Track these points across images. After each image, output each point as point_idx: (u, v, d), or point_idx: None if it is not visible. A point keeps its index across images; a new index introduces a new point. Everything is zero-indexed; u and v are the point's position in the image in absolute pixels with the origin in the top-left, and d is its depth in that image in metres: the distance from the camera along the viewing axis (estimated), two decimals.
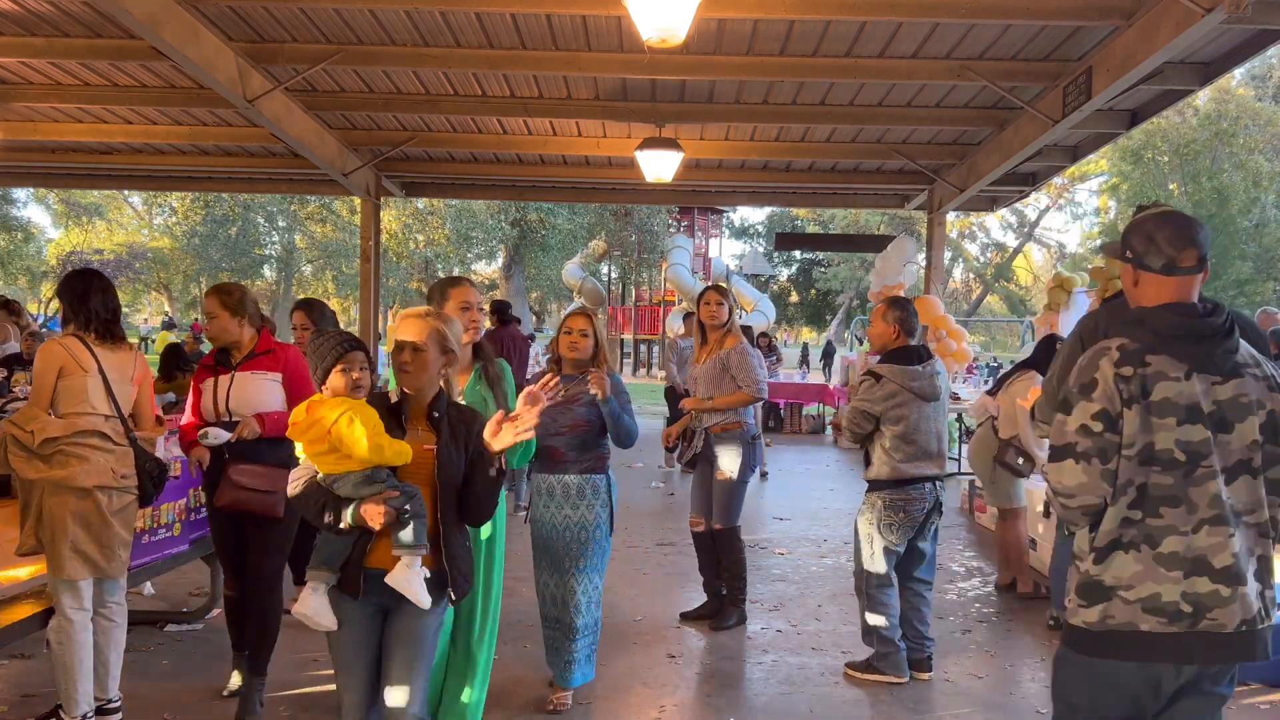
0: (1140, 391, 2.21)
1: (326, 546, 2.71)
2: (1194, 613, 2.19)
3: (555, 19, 6.79)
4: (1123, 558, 2.23)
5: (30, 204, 41.20)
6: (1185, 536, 2.19)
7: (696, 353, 5.30)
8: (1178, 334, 2.23)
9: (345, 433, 2.59)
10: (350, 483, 2.64)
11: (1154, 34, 6.00)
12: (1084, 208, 42.36)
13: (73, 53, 7.51)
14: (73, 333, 3.63)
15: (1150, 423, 2.20)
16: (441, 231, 28.83)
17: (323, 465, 2.68)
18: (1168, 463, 2.20)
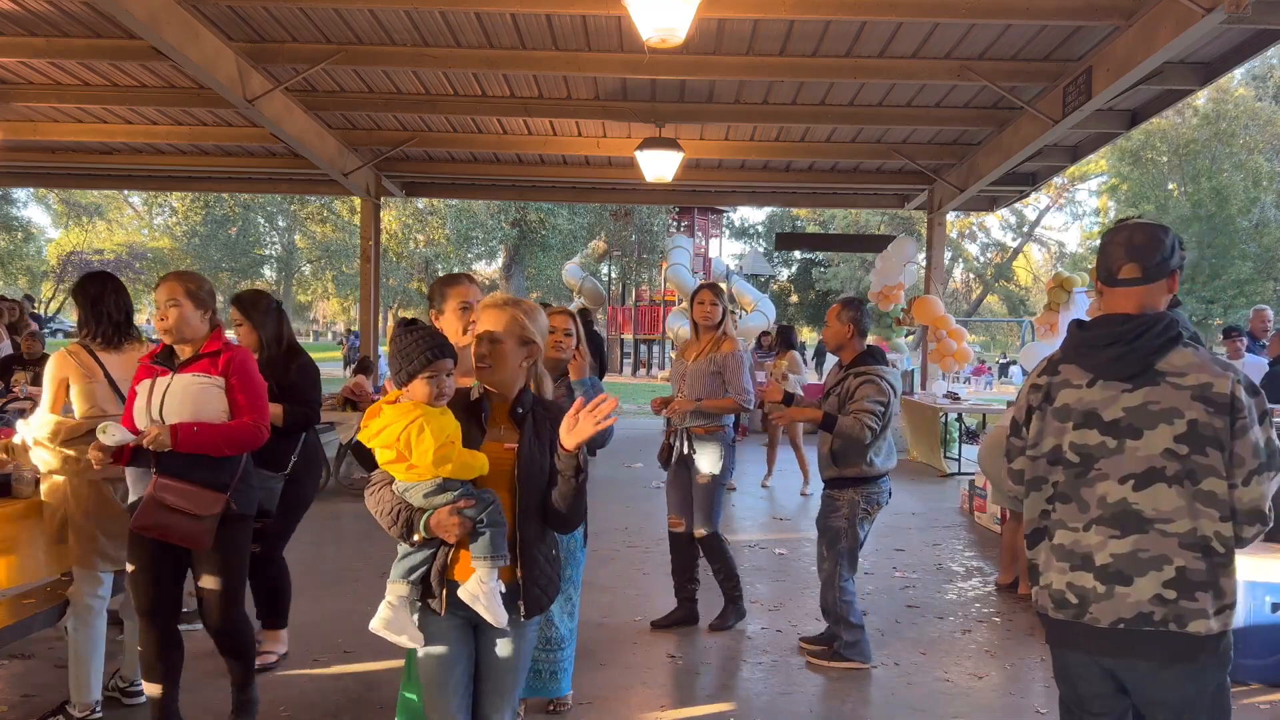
0: (1045, 398, 2.42)
1: (407, 558, 2.54)
2: (1079, 604, 2.34)
3: (555, 19, 6.79)
4: (1040, 546, 2.46)
5: (30, 204, 41.22)
6: (1074, 532, 2.35)
7: (687, 349, 5.21)
8: (1080, 345, 2.39)
9: (414, 442, 2.42)
10: (420, 492, 2.47)
11: (1154, 34, 6.01)
12: (1084, 208, 42.38)
13: (73, 53, 7.52)
14: (79, 341, 3.74)
15: (1051, 426, 2.40)
16: (441, 231, 28.84)
17: (396, 473, 2.50)
18: (1066, 463, 2.37)
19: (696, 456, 4.97)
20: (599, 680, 4.37)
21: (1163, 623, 2.24)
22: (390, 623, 2.50)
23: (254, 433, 3.38)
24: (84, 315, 3.76)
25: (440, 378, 2.49)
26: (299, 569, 5.94)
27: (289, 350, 4.36)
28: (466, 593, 2.44)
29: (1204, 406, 2.23)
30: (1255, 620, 4.43)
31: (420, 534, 2.46)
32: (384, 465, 2.52)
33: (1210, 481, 2.24)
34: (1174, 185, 28.68)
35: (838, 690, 4.35)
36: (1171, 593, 2.24)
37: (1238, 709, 4.21)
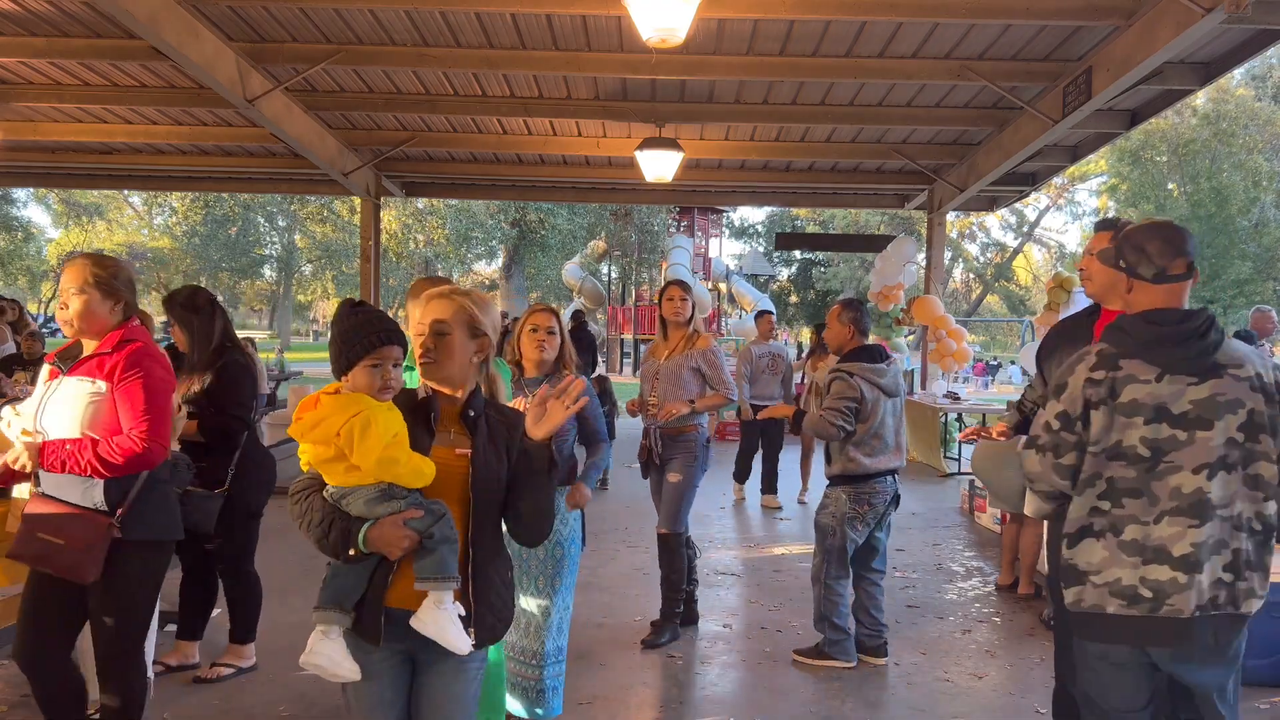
0: (1109, 393, 2.40)
1: (337, 579, 2.20)
2: (1154, 597, 2.38)
3: (555, 19, 6.79)
4: (1091, 544, 2.44)
5: (30, 204, 41.23)
6: (1145, 526, 2.38)
7: (656, 349, 5.09)
8: (1151, 340, 2.40)
9: (356, 439, 2.10)
10: (362, 499, 2.15)
11: (1154, 34, 6.01)
12: (1084, 208, 42.36)
13: (73, 53, 7.52)
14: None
15: (1117, 421, 2.39)
16: (441, 231, 28.82)
17: (330, 475, 2.18)
18: (1133, 458, 2.38)
19: (669, 459, 4.88)
20: (599, 680, 4.36)
21: (1224, 605, 2.37)
22: (323, 656, 2.17)
23: (138, 453, 2.85)
24: None
25: (386, 367, 2.18)
26: (297, 569, 5.95)
27: (217, 351, 4.05)
28: (422, 621, 2.14)
29: (1260, 396, 2.37)
30: (1255, 620, 4.42)
31: (357, 548, 2.12)
32: (316, 465, 2.19)
33: (1259, 465, 2.38)
34: (1174, 185, 28.67)
35: (837, 690, 4.35)
36: (1229, 575, 2.37)
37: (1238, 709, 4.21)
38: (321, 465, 2.19)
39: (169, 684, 4.14)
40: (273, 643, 4.57)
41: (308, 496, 2.22)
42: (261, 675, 4.29)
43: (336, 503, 2.18)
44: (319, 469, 2.21)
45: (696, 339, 4.93)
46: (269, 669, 4.34)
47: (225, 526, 4.12)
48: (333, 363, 2.22)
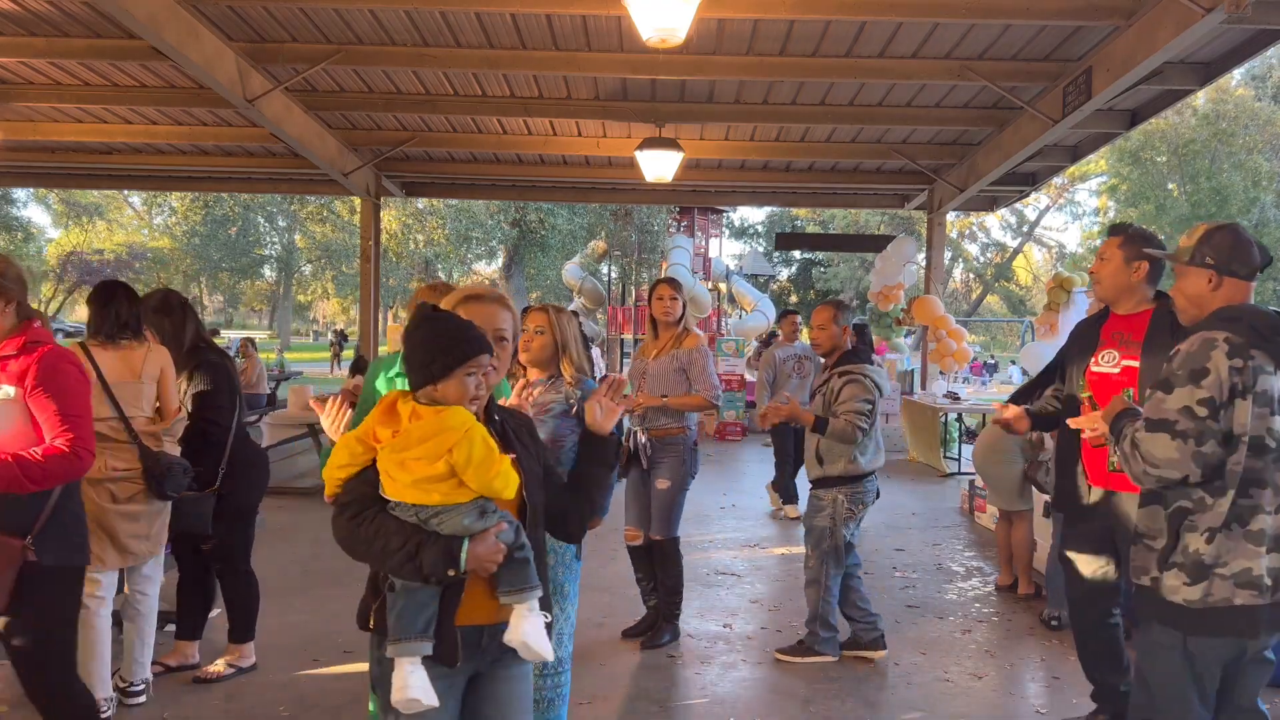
0: (1251, 383, 2.42)
1: (409, 604, 2.03)
2: (1274, 586, 2.45)
3: (555, 19, 6.79)
4: (1221, 537, 2.47)
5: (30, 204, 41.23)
6: (1271, 515, 2.45)
7: (646, 347, 5.00)
8: (1275, 331, 2.47)
9: (476, 456, 1.98)
10: (460, 517, 2.01)
11: (1154, 34, 6.01)
12: (1084, 208, 42.39)
13: (73, 53, 7.52)
14: (78, 342, 3.75)
15: (1254, 411, 2.43)
16: (441, 231, 28.82)
17: (425, 494, 2.00)
18: (1260, 449, 2.45)
19: (656, 462, 4.76)
20: (599, 680, 4.37)
21: None
22: (418, 690, 2.00)
23: (67, 460, 2.71)
24: (93, 315, 3.78)
25: (479, 376, 2.07)
26: (297, 570, 5.95)
27: (190, 352, 4.09)
28: (517, 635, 2.06)
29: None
30: None
31: (458, 569, 2.00)
32: (416, 481, 2.00)
33: None
34: (1173, 185, 28.67)
35: (837, 690, 4.35)
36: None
37: None
38: (420, 484, 2.00)
39: (169, 684, 4.14)
40: (273, 643, 4.57)
41: (374, 518, 2.04)
42: (261, 675, 4.29)
43: (424, 523, 2.02)
44: (401, 488, 2.02)
45: (685, 338, 4.84)
46: (269, 669, 4.34)
47: (220, 527, 4.16)
48: (419, 371, 2.05)
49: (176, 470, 3.75)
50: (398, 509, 2.03)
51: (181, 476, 3.77)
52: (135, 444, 3.68)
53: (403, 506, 2.03)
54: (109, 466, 3.62)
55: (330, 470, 2.12)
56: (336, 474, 2.11)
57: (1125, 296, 3.40)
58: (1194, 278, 2.61)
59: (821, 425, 4.44)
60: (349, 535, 2.05)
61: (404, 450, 1.99)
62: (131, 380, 3.73)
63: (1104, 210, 35.53)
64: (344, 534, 2.07)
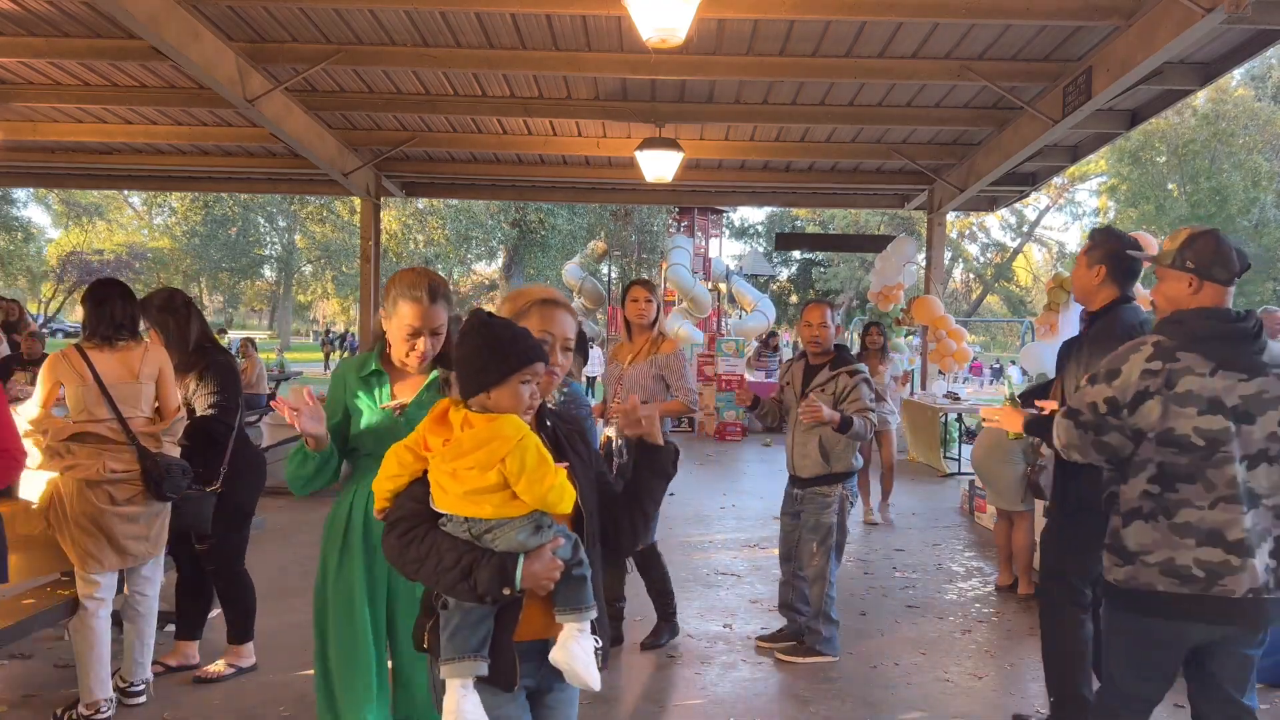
0: (1165, 384, 2.56)
1: (465, 623, 1.93)
2: (1206, 578, 2.54)
3: (555, 19, 6.79)
4: (1141, 526, 2.62)
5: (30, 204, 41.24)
6: (1200, 510, 2.55)
7: (620, 351, 4.84)
8: (1210, 335, 2.58)
9: (530, 467, 1.88)
10: (515, 532, 1.91)
11: (1154, 34, 6.01)
12: (1084, 208, 42.39)
13: (73, 53, 7.52)
14: (75, 344, 3.74)
15: (1170, 410, 2.55)
16: (441, 231, 28.85)
17: (477, 506, 1.91)
18: (1186, 446, 2.55)
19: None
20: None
21: (1275, 590, 2.55)
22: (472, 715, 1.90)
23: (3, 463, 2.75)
24: (88, 316, 3.76)
25: (534, 384, 1.97)
26: (298, 569, 5.95)
27: (197, 352, 4.12)
28: (563, 656, 1.95)
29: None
30: None
31: (513, 587, 1.89)
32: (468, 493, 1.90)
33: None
34: (1173, 185, 28.67)
35: (838, 690, 4.35)
36: (1274, 561, 2.56)
37: None
38: (472, 496, 1.91)
39: (169, 684, 4.15)
40: (273, 643, 4.57)
41: (425, 535, 1.93)
42: (261, 675, 4.29)
43: (477, 538, 1.92)
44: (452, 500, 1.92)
45: (661, 343, 4.72)
46: (269, 669, 4.34)
47: (218, 526, 4.17)
48: (471, 378, 1.94)
49: (175, 471, 3.74)
50: (449, 523, 1.94)
51: (180, 477, 3.77)
52: (133, 445, 3.68)
53: (454, 521, 1.93)
54: (107, 468, 3.62)
55: (379, 481, 2.02)
56: (385, 485, 2.01)
57: (1089, 299, 3.55)
58: (1174, 281, 2.70)
59: (847, 424, 4.46)
60: (400, 554, 1.95)
61: (455, 459, 1.90)
62: (130, 381, 3.72)
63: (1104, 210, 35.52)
64: (395, 553, 1.96)
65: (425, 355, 2.67)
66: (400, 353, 2.69)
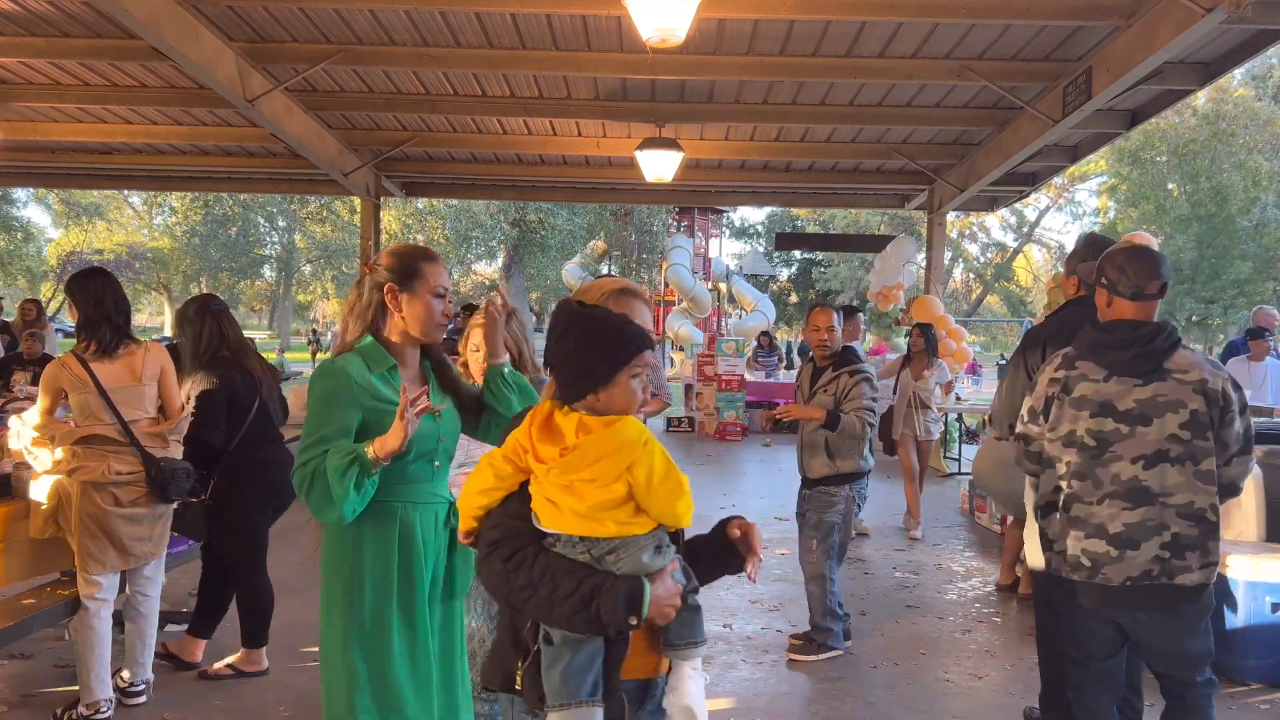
0: (1063, 389, 2.82)
1: (577, 663, 1.67)
2: (1091, 567, 2.77)
3: (555, 19, 6.79)
4: (1051, 518, 2.88)
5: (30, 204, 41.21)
6: (1089, 505, 2.77)
7: None
8: (1099, 345, 2.81)
9: (658, 477, 1.68)
10: (639, 552, 1.68)
11: (1154, 34, 6.01)
12: (1084, 208, 42.37)
13: (73, 53, 7.51)
14: (73, 351, 3.71)
15: (1068, 413, 2.80)
16: (441, 231, 28.83)
17: (588, 524, 1.68)
18: (1080, 446, 2.78)
19: None
20: None
21: (1158, 578, 2.72)
22: None
23: None
24: (85, 317, 3.68)
25: (644, 377, 1.76)
26: (297, 569, 5.94)
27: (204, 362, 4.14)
28: (680, 698, 1.73)
29: (1203, 398, 2.69)
30: (1255, 620, 4.42)
31: (639, 618, 1.65)
32: (589, 509, 1.67)
33: (1208, 462, 2.71)
34: (1173, 185, 28.63)
35: (838, 690, 4.35)
36: (1166, 553, 2.71)
37: (1238, 709, 4.22)
38: (594, 512, 1.67)
39: (169, 684, 4.15)
40: (273, 643, 4.56)
41: (535, 559, 1.69)
42: (262, 678, 4.29)
43: (597, 560, 1.68)
44: (581, 516, 1.68)
45: None
46: (269, 669, 4.34)
47: (227, 536, 4.19)
48: (579, 378, 1.73)
49: (180, 475, 3.75)
50: (558, 544, 1.70)
51: (185, 480, 3.78)
52: (136, 448, 3.67)
53: (565, 541, 1.69)
54: (112, 470, 3.62)
55: (469, 497, 1.79)
56: (477, 500, 1.78)
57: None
58: (1098, 294, 2.95)
59: (833, 421, 4.50)
60: (506, 580, 1.69)
61: (576, 471, 1.66)
62: (132, 384, 3.71)
63: (1104, 210, 35.50)
64: (498, 579, 1.70)
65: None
66: (431, 325, 2.52)
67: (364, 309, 2.53)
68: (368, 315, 2.53)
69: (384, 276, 2.50)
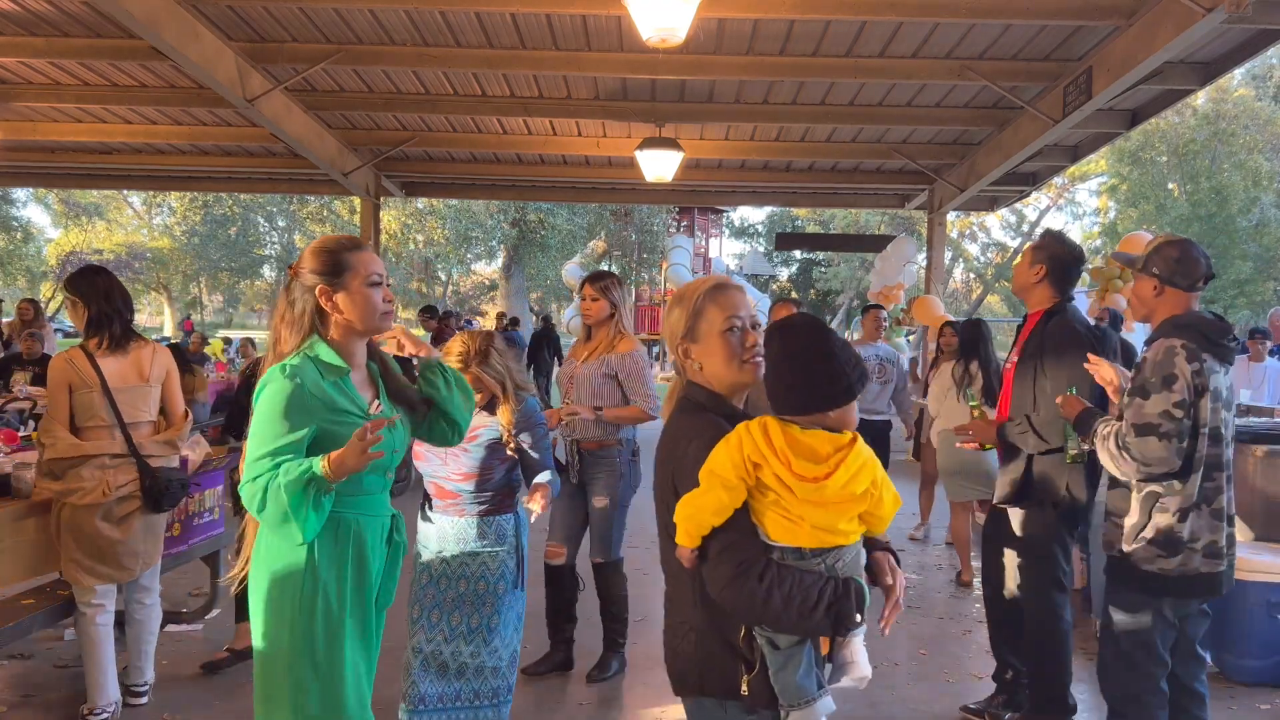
0: (1206, 383, 2.85)
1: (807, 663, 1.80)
2: (1229, 551, 2.94)
3: (555, 19, 6.79)
4: (1194, 516, 2.89)
5: (30, 204, 41.20)
6: (1224, 493, 2.91)
7: (577, 350, 4.46)
8: (1220, 337, 2.89)
9: (884, 486, 1.81)
10: (857, 556, 1.83)
11: (1154, 34, 6.00)
12: (1084, 208, 42.39)
13: (73, 53, 7.51)
14: (81, 345, 3.63)
15: (1207, 408, 2.85)
16: (441, 232, 28.84)
17: (825, 536, 1.76)
18: (1216, 438, 2.89)
19: (591, 478, 4.37)
20: (599, 680, 4.36)
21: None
22: None
23: None
24: (97, 312, 3.60)
25: None
26: None
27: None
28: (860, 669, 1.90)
29: None
30: (1255, 621, 4.42)
31: (863, 616, 1.79)
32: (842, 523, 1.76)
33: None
34: (1174, 185, 28.63)
35: (838, 690, 4.34)
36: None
37: (1238, 709, 4.21)
38: (841, 524, 1.76)
39: (169, 685, 4.14)
40: None
41: (781, 574, 1.74)
42: None
43: (830, 569, 1.77)
44: (821, 530, 1.75)
45: (618, 342, 4.28)
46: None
47: None
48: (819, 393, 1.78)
49: (175, 485, 3.67)
50: (787, 555, 1.76)
51: (179, 491, 3.72)
52: (134, 458, 3.60)
53: (795, 552, 1.76)
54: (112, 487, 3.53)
55: (702, 514, 1.77)
56: (711, 520, 1.77)
57: (1025, 296, 3.77)
58: (1142, 283, 3.00)
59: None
60: (764, 599, 1.72)
61: (842, 486, 1.72)
62: (138, 384, 3.64)
63: (1104, 210, 35.49)
64: (753, 599, 1.72)
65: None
66: (375, 316, 2.38)
67: (298, 317, 2.38)
68: (304, 322, 2.37)
69: (312, 280, 2.35)
